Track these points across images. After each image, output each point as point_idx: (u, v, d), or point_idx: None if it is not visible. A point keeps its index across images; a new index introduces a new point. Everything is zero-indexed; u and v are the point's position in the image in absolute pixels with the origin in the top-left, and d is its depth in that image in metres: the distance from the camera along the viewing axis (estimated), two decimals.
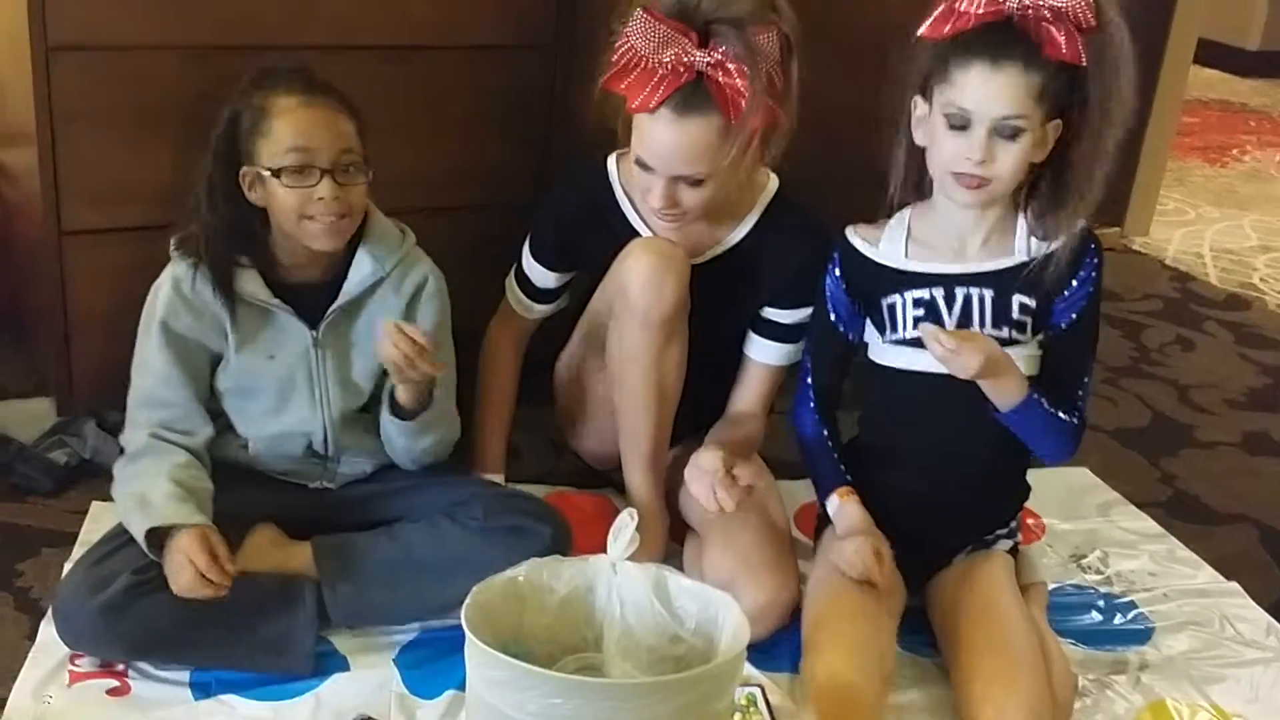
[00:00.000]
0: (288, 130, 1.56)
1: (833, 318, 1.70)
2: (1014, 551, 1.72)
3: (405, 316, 1.66)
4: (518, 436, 2.01)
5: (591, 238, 1.80)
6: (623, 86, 1.60)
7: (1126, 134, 1.57)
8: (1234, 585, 1.92)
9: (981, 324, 1.59)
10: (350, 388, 1.69)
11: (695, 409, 1.84)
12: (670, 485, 1.85)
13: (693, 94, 1.57)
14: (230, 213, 1.61)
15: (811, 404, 1.73)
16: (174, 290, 1.63)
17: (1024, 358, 1.59)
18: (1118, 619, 1.83)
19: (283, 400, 1.67)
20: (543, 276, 1.86)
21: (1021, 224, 1.60)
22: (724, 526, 1.73)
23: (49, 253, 1.86)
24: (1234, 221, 3.83)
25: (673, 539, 1.84)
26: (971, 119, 1.50)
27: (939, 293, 1.60)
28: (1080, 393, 1.61)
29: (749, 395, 1.86)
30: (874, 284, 1.65)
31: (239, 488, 1.64)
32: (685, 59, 1.56)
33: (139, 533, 1.51)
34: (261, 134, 1.57)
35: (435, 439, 1.70)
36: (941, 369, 1.57)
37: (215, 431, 1.66)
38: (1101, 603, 1.86)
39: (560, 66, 2.04)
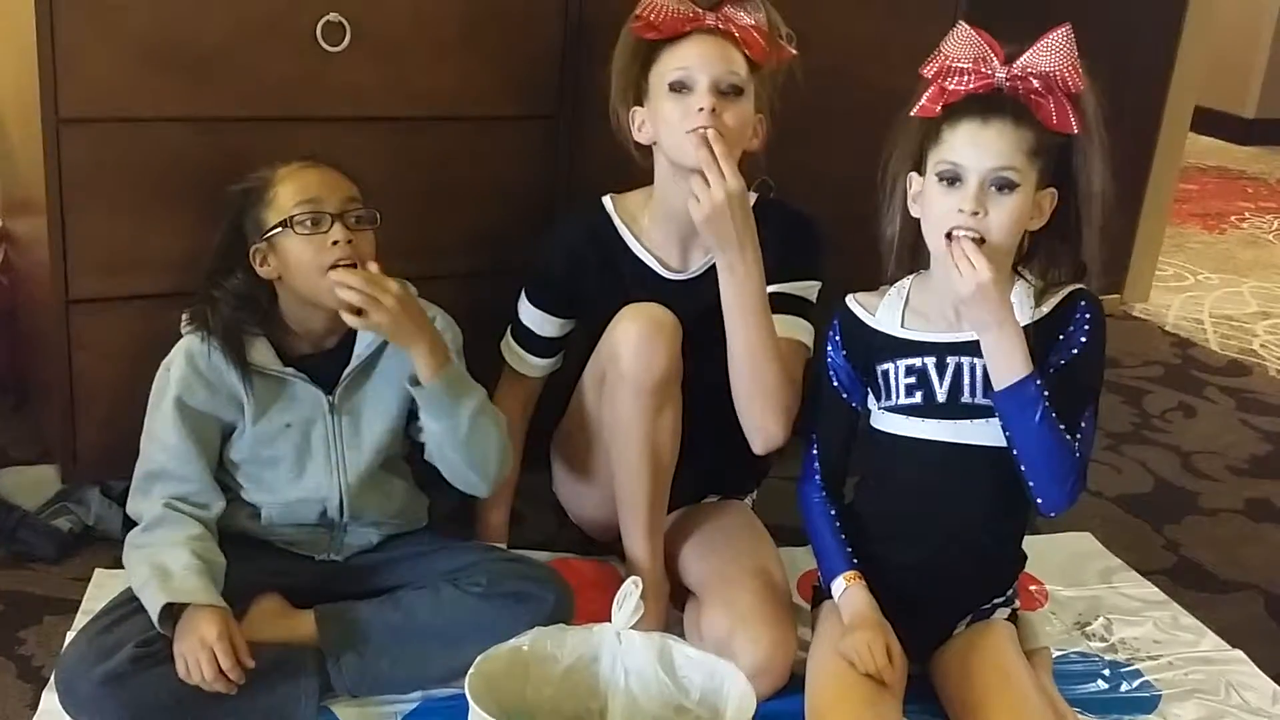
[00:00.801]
0: (293, 189, 1.62)
1: (835, 384, 1.70)
2: (1013, 618, 1.71)
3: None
4: (520, 503, 2.01)
5: (593, 274, 1.83)
6: (654, 19, 1.73)
7: (1109, 208, 1.58)
8: (1239, 653, 1.91)
9: (973, 392, 1.58)
10: (365, 450, 1.70)
11: (695, 473, 1.84)
12: (669, 550, 1.85)
13: (714, 31, 1.74)
14: (240, 287, 1.65)
15: (817, 477, 1.72)
16: (188, 364, 1.65)
17: None
18: (1124, 687, 1.82)
19: (299, 467, 1.69)
20: (542, 323, 1.88)
21: (1017, 293, 1.59)
22: (722, 586, 1.73)
23: (55, 321, 1.87)
24: (1233, 288, 3.84)
25: (672, 604, 1.83)
26: (963, 173, 1.50)
27: (930, 360, 1.60)
28: (1078, 447, 1.55)
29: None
30: (870, 350, 1.65)
31: (244, 558, 1.64)
32: (699, 16, 1.74)
33: (154, 605, 1.51)
34: (266, 203, 1.62)
35: (474, 408, 1.66)
36: (938, 436, 1.58)
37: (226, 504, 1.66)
38: (1107, 671, 1.85)
39: (563, 136, 2.07)
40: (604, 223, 1.85)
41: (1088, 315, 1.58)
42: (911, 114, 1.55)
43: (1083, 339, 1.57)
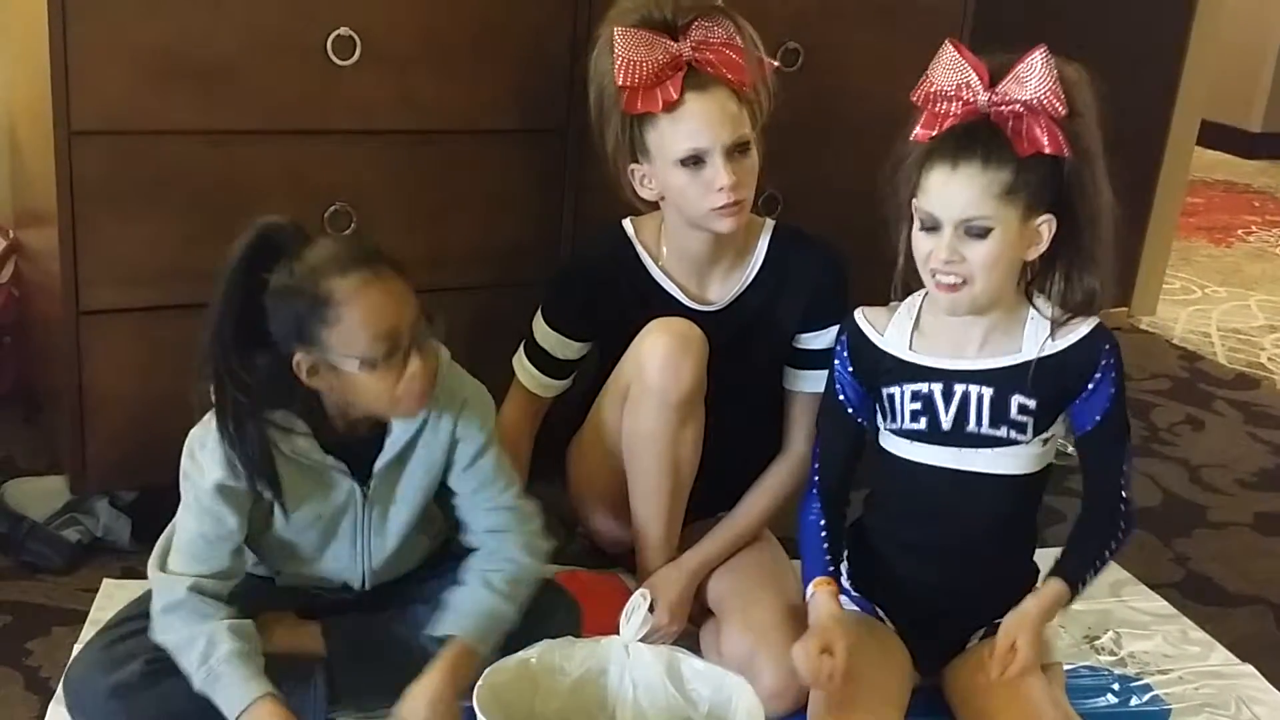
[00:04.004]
0: (364, 318, 1.44)
1: (840, 398, 1.68)
2: None
3: (446, 454, 1.60)
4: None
5: (612, 297, 1.83)
6: (640, 104, 1.72)
7: (1116, 224, 1.57)
8: (1248, 667, 1.91)
9: (979, 422, 1.57)
10: (391, 537, 1.62)
11: (713, 490, 1.84)
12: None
13: (697, 76, 1.72)
14: (273, 379, 1.49)
15: (815, 491, 1.70)
16: (223, 450, 1.51)
17: (1026, 456, 1.58)
18: (1134, 701, 1.81)
19: (321, 550, 1.61)
20: (559, 345, 1.87)
21: (1029, 321, 1.58)
22: (742, 606, 1.73)
23: (66, 331, 1.87)
24: (1240, 301, 3.84)
25: (689, 621, 1.83)
26: (937, 221, 1.50)
27: (937, 387, 1.59)
28: (1122, 482, 1.63)
29: (803, 429, 1.86)
30: (877, 370, 1.63)
31: (256, 588, 1.62)
32: (673, 51, 1.71)
33: (229, 711, 1.45)
34: (328, 321, 1.44)
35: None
36: (943, 463, 1.57)
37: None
38: (1117, 685, 1.84)
39: (571, 149, 2.07)
40: (625, 248, 1.85)
41: (1111, 360, 1.59)
42: (910, 137, 1.55)
43: (1111, 388, 1.60)
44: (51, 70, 1.75)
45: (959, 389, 1.57)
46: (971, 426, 1.57)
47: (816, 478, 1.70)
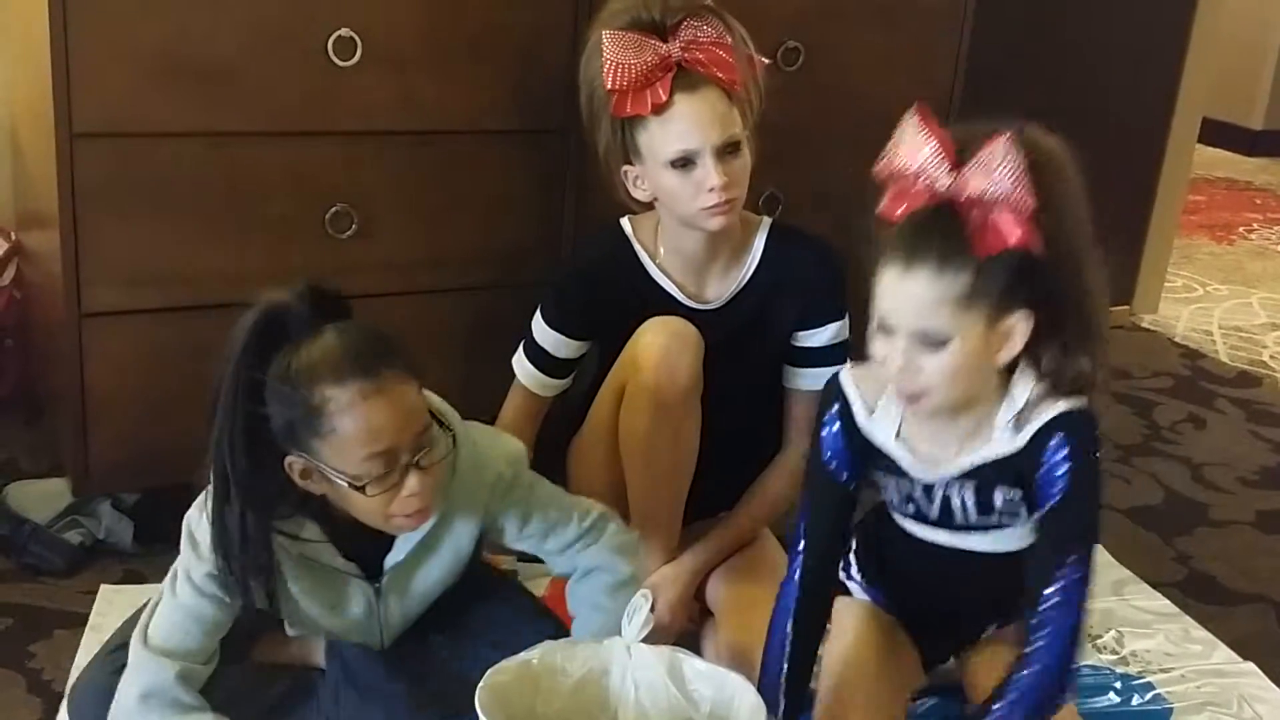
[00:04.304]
0: (361, 435, 1.32)
1: (826, 455, 1.50)
2: None
3: (483, 528, 1.52)
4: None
5: (612, 296, 1.83)
6: (629, 107, 1.72)
7: (1102, 312, 1.40)
8: (1250, 665, 1.91)
9: (965, 516, 1.47)
10: (412, 615, 1.56)
11: (712, 489, 1.84)
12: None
13: (687, 77, 1.71)
14: (277, 491, 1.39)
15: (797, 576, 1.51)
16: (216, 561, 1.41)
17: (1023, 534, 1.49)
18: (1135, 700, 1.81)
19: (333, 627, 1.53)
20: (558, 345, 1.87)
21: (1002, 413, 1.41)
22: (742, 605, 1.73)
23: (68, 334, 1.88)
24: (1242, 299, 3.84)
25: (689, 621, 1.83)
26: (890, 326, 1.34)
27: (919, 489, 1.48)
28: (1058, 576, 1.36)
29: (803, 428, 1.83)
30: (865, 449, 1.49)
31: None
32: (662, 52, 1.70)
33: None
34: (319, 434, 1.33)
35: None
36: (937, 540, 1.51)
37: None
38: (1119, 683, 1.84)
39: (572, 150, 2.07)
40: (623, 247, 1.85)
41: (1064, 453, 1.37)
42: (878, 212, 1.36)
43: (1059, 487, 1.37)
44: (53, 72, 1.75)
45: (939, 492, 1.47)
46: (959, 519, 1.48)
47: (800, 555, 1.51)
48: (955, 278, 1.30)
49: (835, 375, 1.51)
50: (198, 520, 1.42)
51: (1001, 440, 1.41)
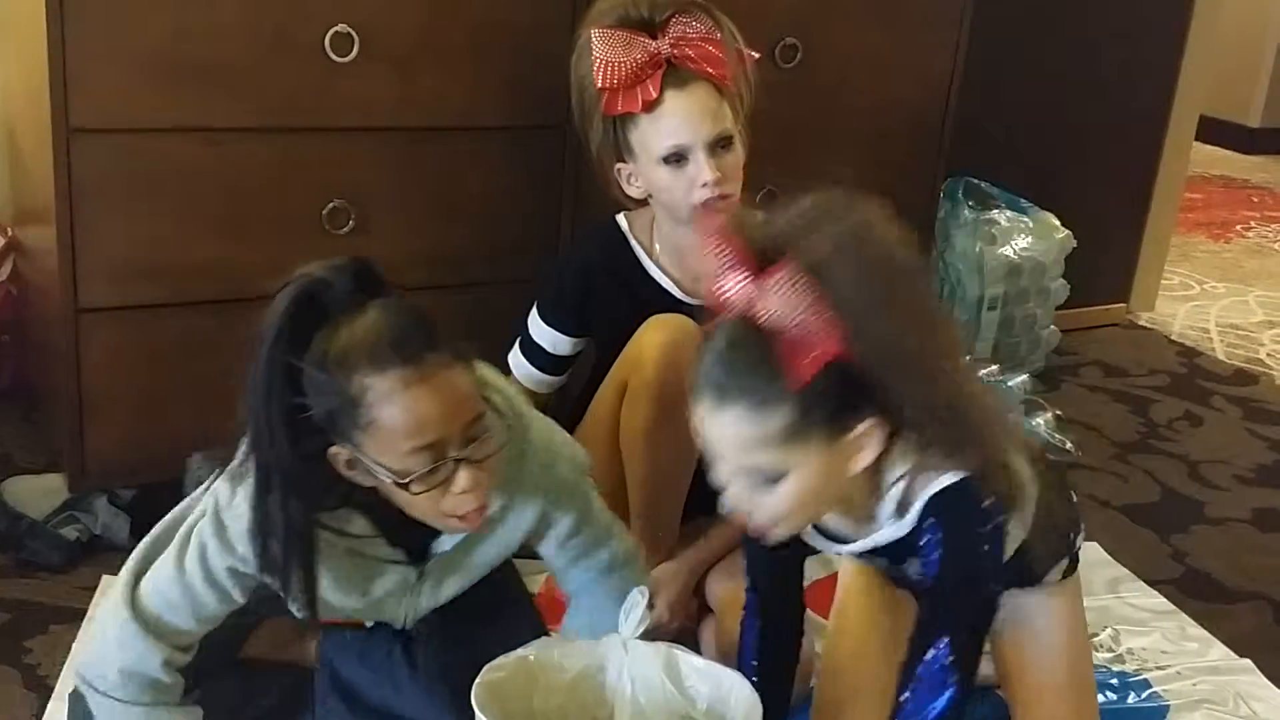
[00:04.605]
0: (404, 426, 1.21)
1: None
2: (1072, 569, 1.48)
3: (534, 528, 1.44)
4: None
5: (608, 293, 1.83)
6: (620, 105, 1.72)
7: (976, 403, 1.22)
8: (1247, 663, 1.91)
9: (888, 576, 1.42)
10: (445, 598, 1.48)
11: (709, 486, 1.84)
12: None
13: (677, 73, 1.72)
14: (321, 479, 1.28)
15: (754, 610, 1.43)
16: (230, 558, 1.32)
17: None
18: (1132, 698, 1.81)
19: (363, 610, 1.45)
20: (554, 341, 1.87)
21: (883, 506, 1.28)
22: (739, 602, 1.72)
23: (65, 329, 1.87)
24: (1239, 297, 3.84)
25: (688, 618, 1.83)
26: (715, 459, 1.22)
27: (836, 556, 1.41)
28: (929, 654, 1.25)
29: None
30: None
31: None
32: (651, 49, 1.71)
33: None
34: (358, 425, 1.22)
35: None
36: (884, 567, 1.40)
37: None
38: (1115, 681, 1.84)
39: (570, 146, 2.07)
40: (620, 242, 1.85)
41: (936, 537, 1.24)
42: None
43: (933, 572, 1.25)
44: (50, 68, 1.75)
45: (853, 559, 1.41)
46: (891, 575, 1.43)
47: (754, 604, 1.42)
48: (771, 416, 1.15)
49: None
50: (228, 502, 1.30)
51: (888, 529, 1.28)
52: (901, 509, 1.25)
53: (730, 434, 1.17)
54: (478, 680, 1.34)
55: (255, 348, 1.22)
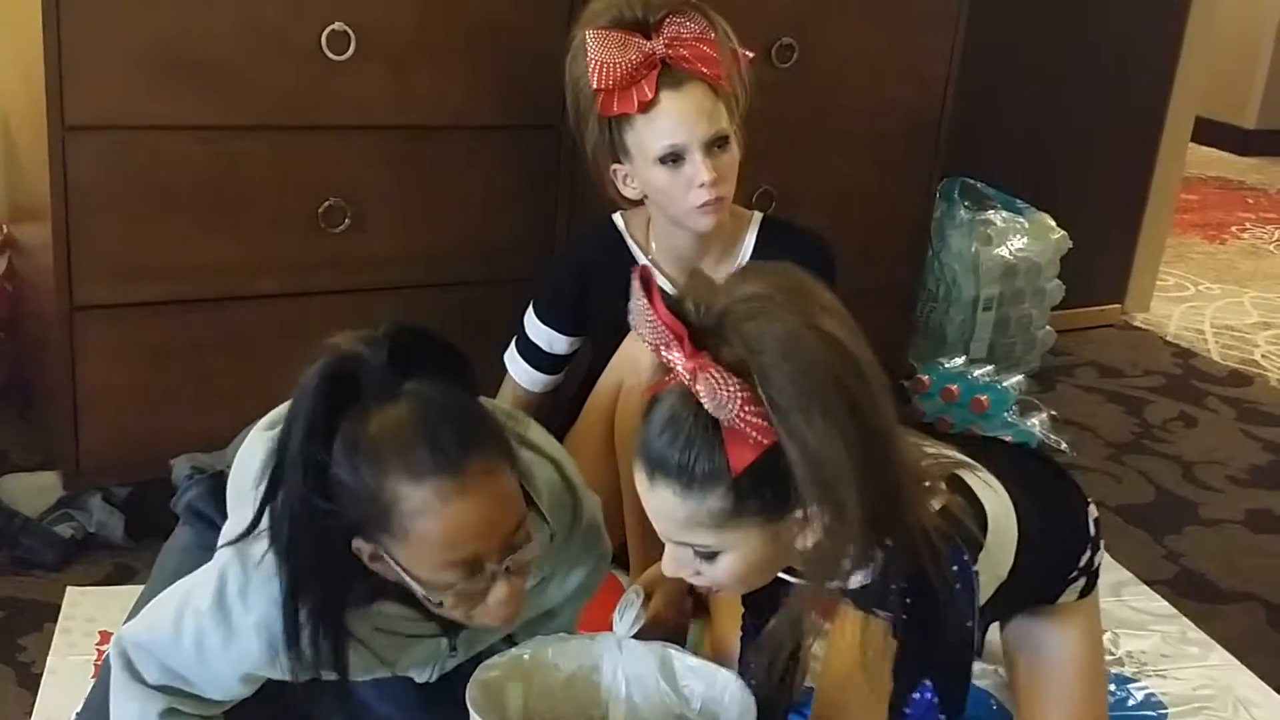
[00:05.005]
0: (441, 539, 1.10)
1: None
2: (1089, 590, 1.50)
3: (566, 602, 1.45)
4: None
5: (605, 292, 1.83)
6: (615, 106, 1.73)
7: (910, 488, 1.20)
8: (1245, 668, 1.91)
9: None
10: (471, 655, 1.39)
11: None
12: None
13: (672, 74, 1.72)
14: (346, 567, 1.15)
15: (756, 629, 1.41)
16: (269, 648, 1.19)
17: None
18: (1131, 701, 1.81)
19: (384, 673, 1.34)
20: (551, 340, 1.87)
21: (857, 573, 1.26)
22: (734, 601, 1.73)
23: (60, 327, 1.87)
24: (1234, 298, 3.84)
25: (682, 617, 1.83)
26: (661, 533, 1.21)
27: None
28: (911, 696, 1.29)
29: None
30: None
31: None
32: (646, 50, 1.72)
33: None
34: (390, 532, 1.11)
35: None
36: None
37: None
38: (1113, 685, 1.84)
39: (566, 146, 2.07)
40: (616, 242, 1.86)
41: (899, 587, 1.24)
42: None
43: (902, 620, 1.26)
44: (46, 65, 1.75)
45: None
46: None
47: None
48: (705, 498, 1.13)
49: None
50: (243, 588, 1.19)
51: (855, 578, 1.26)
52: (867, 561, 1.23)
53: (665, 510, 1.15)
54: (472, 680, 1.34)
55: (284, 434, 1.12)
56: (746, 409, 1.08)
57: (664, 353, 1.12)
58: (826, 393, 1.10)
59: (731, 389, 1.08)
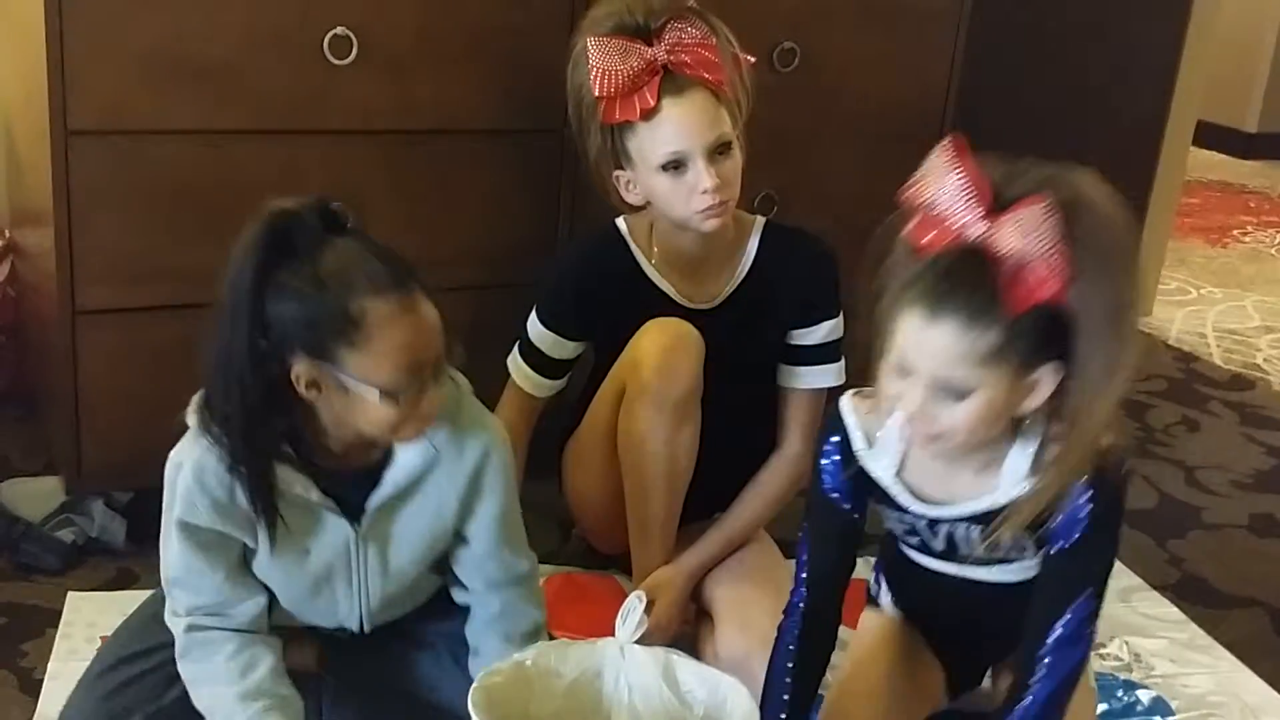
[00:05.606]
0: (399, 348, 1.31)
1: (827, 485, 1.45)
2: None
3: (464, 498, 1.46)
4: (524, 517, 2.00)
5: (607, 296, 1.83)
6: (618, 113, 1.72)
7: (1110, 396, 1.30)
8: (1253, 674, 1.91)
9: (970, 549, 1.43)
10: (393, 577, 1.50)
11: (708, 491, 1.84)
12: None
13: (674, 80, 1.71)
14: (269, 404, 1.34)
15: (799, 610, 1.47)
16: (196, 483, 1.39)
17: (1028, 567, 1.46)
18: (1139, 707, 1.81)
19: (315, 592, 1.49)
20: (555, 345, 1.87)
21: (1012, 459, 1.36)
22: (738, 607, 1.73)
23: (62, 331, 1.87)
24: (1236, 302, 3.85)
25: (685, 623, 1.83)
26: (910, 369, 1.28)
27: (923, 523, 1.45)
28: (1067, 610, 1.35)
29: (797, 427, 1.87)
30: (865, 482, 1.44)
31: None
32: (648, 56, 1.71)
33: None
34: (353, 344, 1.30)
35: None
36: (945, 570, 1.48)
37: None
38: (1120, 690, 1.83)
39: (568, 150, 2.07)
40: (619, 247, 1.85)
41: (1086, 496, 1.34)
42: (903, 234, 1.31)
43: (1080, 530, 1.35)
44: (48, 69, 1.75)
45: (944, 527, 1.43)
46: (964, 552, 1.45)
47: (803, 588, 1.47)
48: (982, 334, 1.24)
49: (836, 403, 1.45)
50: (177, 463, 1.42)
51: (1013, 486, 1.36)
52: (1035, 470, 1.34)
53: (939, 346, 1.25)
54: (474, 685, 1.34)
55: (225, 287, 1.31)
56: (1054, 249, 1.21)
57: (961, 210, 1.25)
58: (1123, 253, 1.26)
59: (1048, 227, 1.21)
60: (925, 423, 1.30)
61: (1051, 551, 1.37)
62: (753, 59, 1.81)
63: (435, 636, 1.58)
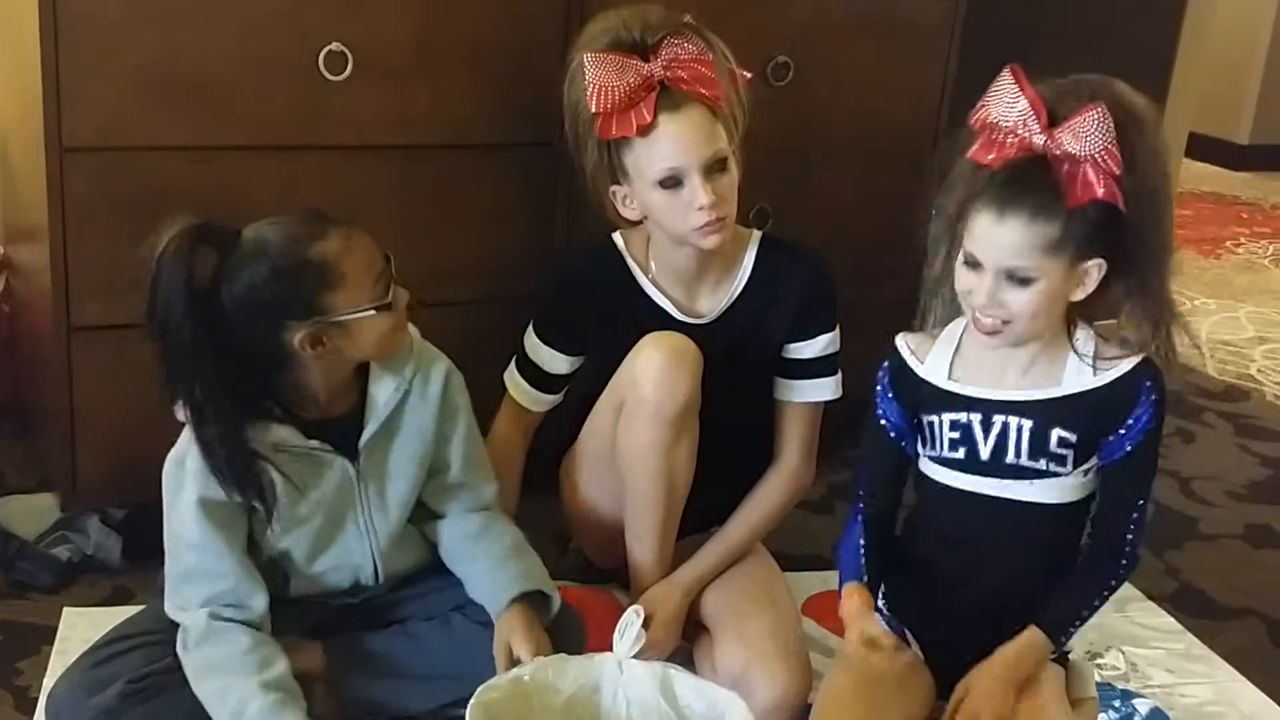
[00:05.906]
0: (366, 264, 1.51)
1: (883, 423, 1.63)
2: (1063, 659, 1.64)
3: (439, 421, 1.63)
4: (522, 533, 2.00)
5: (605, 310, 1.83)
6: (614, 129, 1.72)
7: (1165, 269, 1.56)
8: (1250, 684, 1.91)
9: (1017, 454, 1.53)
10: (392, 511, 1.63)
11: (705, 504, 1.84)
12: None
13: (670, 96, 1.71)
14: (246, 380, 1.51)
15: (859, 520, 1.63)
16: (207, 473, 1.52)
17: (1066, 486, 1.55)
18: (1137, 718, 1.80)
19: (327, 539, 1.61)
20: (551, 360, 1.87)
21: (1071, 354, 1.55)
22: (735, 621, 1.73)
23: (57, 348, 1.87)
24: (1230, 313, 3.86)
25: (680, 636, 1.83)
26: (980, 263, 1.48)
27: (976, 417, 1.55)
28: (1132, 525, 1.56)
29: (794, 440, 1.87)
30: (917, 398, 1.59)
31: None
32: (644, 72, 1.71)
33: None
34: (331, 285, 1.49)
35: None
36: (982, 490, 1.55)
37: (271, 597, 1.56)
38: (1118, 701, 1.83)
39: (564, 164, 2.07)
40: (616, 261, 1.85)
41: (1153, 398, 1.54)
42: (968, 154, 1.50)
43: (1148, 424, 1.53)
44: (43, 86, 1.75)
45: (998, 420, 1.54)
46: (1010, 458, 1.54)
47: (861, 504, 1.65)
48: (1045, 227, 1.43)
49: (891, 340, 1.63)
50: (176, 459, 1.55)
51: (1071, 380, 1.53)
52: (1096, 366, 1.53)
53: (1008, 240, 1.44)
54: (472, 701, 1.34)
55: (164, 297, 1.47)
56: (1110, 149, 1.41)
57: (1021, 121, 1.44)
58: (1168, 158, 1.50)
59: (1106, 129, 1.41)
60: (994, 309, 1.48)
61: (1112, 460, 1.54)
62: (749, 75, 1.82)
63: (433, 608, 1.67)
